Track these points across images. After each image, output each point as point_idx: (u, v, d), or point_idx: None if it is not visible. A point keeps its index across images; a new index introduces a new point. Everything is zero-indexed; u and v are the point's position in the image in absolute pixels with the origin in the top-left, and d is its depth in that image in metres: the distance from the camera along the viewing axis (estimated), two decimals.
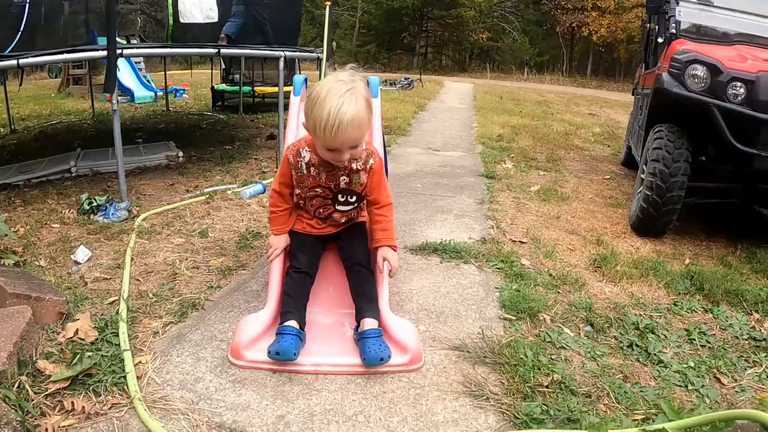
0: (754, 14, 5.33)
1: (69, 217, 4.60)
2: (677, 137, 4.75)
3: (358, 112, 2.42)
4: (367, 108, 2.50)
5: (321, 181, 2.80)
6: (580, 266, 4.12)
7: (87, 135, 9.17)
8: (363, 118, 2.47)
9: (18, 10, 5.99)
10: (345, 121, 2.39)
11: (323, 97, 2.42)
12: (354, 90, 2.45)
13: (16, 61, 4.53)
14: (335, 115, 2.37)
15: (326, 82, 2.51)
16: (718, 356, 2.95)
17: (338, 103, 2.38)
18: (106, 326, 2.76)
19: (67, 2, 6.87)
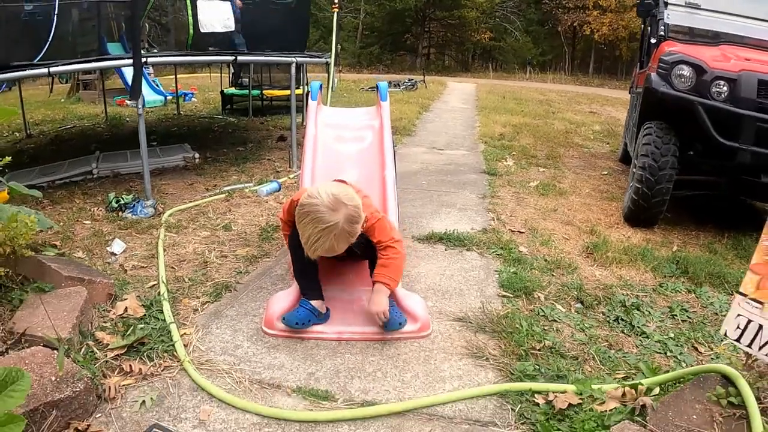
0: (739, 15, 5.59)
1: (98, 215, 4.93)
2: (665, 133, 5.04)
3: (332, 245, 2.59)
4: (350, 224, 2.59)
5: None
6: (574, 253, 4.43)
7: (102, 138, 9.48)
8: (342, 241, 2.61)
9: (29, 18, 6.29)
10: (320, 250, 2.61)
11: (306, 220, 2.59)
12: (330, 229, 2.55)
13: (47, 69, 4.86)
14: (314, 242, 2.58)
15: (309, 204, 2.60)
16: (697, 329, 3.23)
17: (316, 236, 2.56)
18: (151, 305, 3.14)
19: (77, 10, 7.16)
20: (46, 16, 5.97)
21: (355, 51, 48.40)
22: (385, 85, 4.06)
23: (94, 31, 7.54)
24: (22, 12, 6.34)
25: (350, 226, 2.59)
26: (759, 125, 4.56)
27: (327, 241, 2.55)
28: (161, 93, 15.61)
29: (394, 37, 50.04)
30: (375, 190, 3.62)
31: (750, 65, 4.75)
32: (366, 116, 4.11)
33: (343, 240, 2.60)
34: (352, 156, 3.77)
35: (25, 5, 6.39)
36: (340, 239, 2.59)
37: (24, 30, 6.19)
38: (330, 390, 2.45)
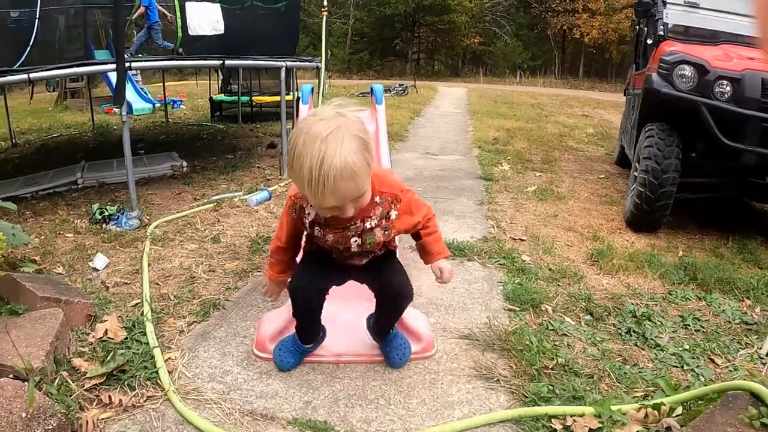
0: (739, 14, 5.48)
1: (82, 227, 4.73)
2: (667, 135, 4.91)
3: (346, 159, 1.82)
4: (362, 148, 1.90)
5: (327, 244, 2.31)
6: (578, 260, 4.27)
7: (89, 147, 9.29)
8: (357, 164, 1.85)
9: (16, 25, 6.13)
10: (331, 175, 1.81)
11: (300, 147, 1.85)
12: (339, 129, 1.86)
13: (27, 75, 4.66)
14: (318, 168, 1.81)
15: (303, 125, 1.91)
16: (712, 339, 3.10)
17: (320, 153, 1.81)
18: (134, 326, 2.92)
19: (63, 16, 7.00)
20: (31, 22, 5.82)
21: (344, 57, 48.39)
22: (381, 88, 3.89)
23: (80, 38, 7.40)
24: (8, 19, 6.18)
25: (360, 142, 1.89)
26: (764, 125, 4.45)
27: (337, 150, 1.81)
28: (149, 100, 15.45)
29: (384, 42, 50.12)
30: None
31: (753, 64, 4.64)
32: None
33: (355, 162, 1.85)
34: None
35: (11, 12, 6.24)
36: (351, 159, 1.84)
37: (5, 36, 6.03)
38: (329, 421, 2.25)
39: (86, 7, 7.48)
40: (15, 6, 6.40)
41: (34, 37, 5.56)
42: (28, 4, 6.14)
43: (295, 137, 1.89)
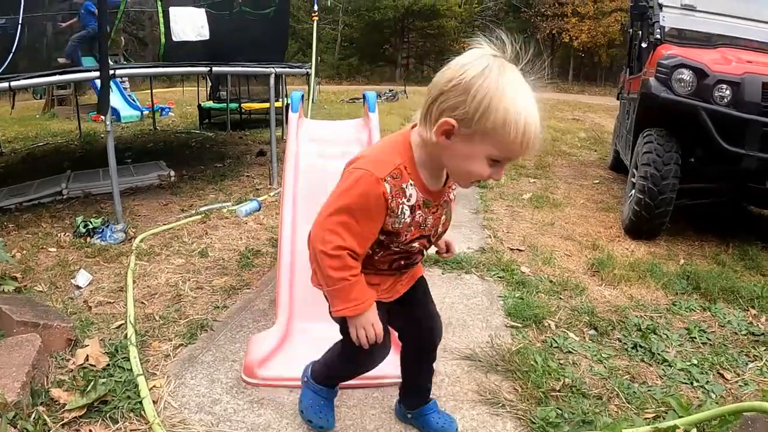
0: (736, 17, 5.41)
1: (65, 241, 4.58)
2: (666, 141, 4.82)
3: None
4: None
5: (426, 228, 1.87)
6: (579, 271, 4.17)
7: (75, 156, 9.14)
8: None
9: (1, 31, 5.98)
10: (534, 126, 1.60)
11: (504, 87, 1.56)
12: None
13: (7, 83, 4.53)
14: (533, 116, 1.60)
15: (488, 64, 1.58)
16: (720, 352, 3.02)
17: (531, 101, 1.62)
18: (116, 351, 2.76)
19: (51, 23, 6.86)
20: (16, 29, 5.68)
21: (334, 62, 48.33)
22: (374, 95, 3.74)
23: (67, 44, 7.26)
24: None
25: None
26: (765, 130, 4.39)
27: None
28: (137, 108, 15.33)
29: (373, 48, 50.08)
30: None
31: (753, 68, 4.58)
32: (352, 129, 3.76)
33: None
34: (339, 173, 3.41)
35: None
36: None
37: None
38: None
39: (72, 13, 7.34)
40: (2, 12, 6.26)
41: (17, 44, 5.40)
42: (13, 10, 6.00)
43: (489, 77, 1.54)
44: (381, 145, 1.87)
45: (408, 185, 1.74)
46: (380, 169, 1.71)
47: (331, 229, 1.72)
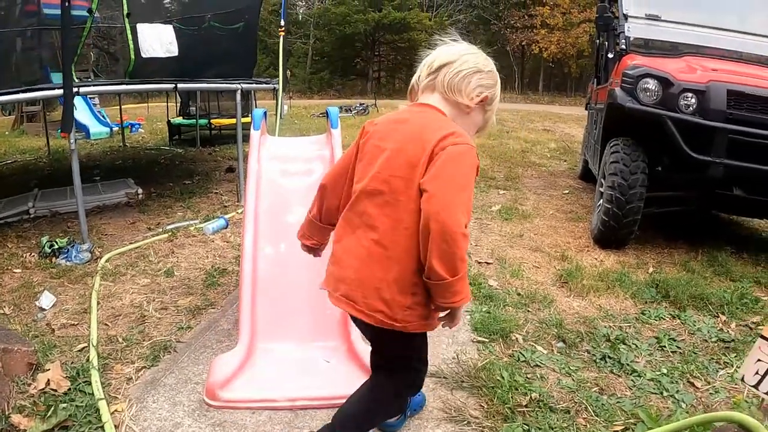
0: (700, 26, 5.47)
1: (30, 261, 4.48)
2: (633, 150, 4.85)
3: None
4: None
5: None
6: (547, 283, 4.17)
7: (43, 174, 8.97)
8: None
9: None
10: None
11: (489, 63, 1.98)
12: None
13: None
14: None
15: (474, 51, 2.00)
16: (690, 361, 3.03)
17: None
18: (78, 375, 2.70)
19: (20, 38, 6.76)
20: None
21: (305, 77, 48.29)
22: (336, 110, 3.70)
23: (37, 60, 7.16)
24: None
25: None
26: (731, 137, 4.43)
27: None
28: (107, 124, 15.11)
29: (345, 61, 50.14)
30: None
31: (717, 75, 4.62)
32: (315, 146, 3.73)
33: None
34: (301, 191, 3.35)
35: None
36: None
37: None
38: None
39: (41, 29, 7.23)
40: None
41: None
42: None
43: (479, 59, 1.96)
44: (444, 120, 1.89)
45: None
46: (470, 141, 1.82)
47: (462, 208, 1.68)
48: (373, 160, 1.85)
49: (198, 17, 6.92)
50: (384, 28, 47.03)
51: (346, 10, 45.20)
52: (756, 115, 4.43)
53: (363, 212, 1.82)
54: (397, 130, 1.87)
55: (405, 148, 1.79)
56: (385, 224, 1.77)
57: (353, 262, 1.82)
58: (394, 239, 1.76)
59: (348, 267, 1.84)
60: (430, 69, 1.96)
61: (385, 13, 44.79)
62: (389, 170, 1.79)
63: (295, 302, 2.97)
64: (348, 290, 1.83)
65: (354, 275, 1.82)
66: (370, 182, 1.81)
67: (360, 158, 1.93)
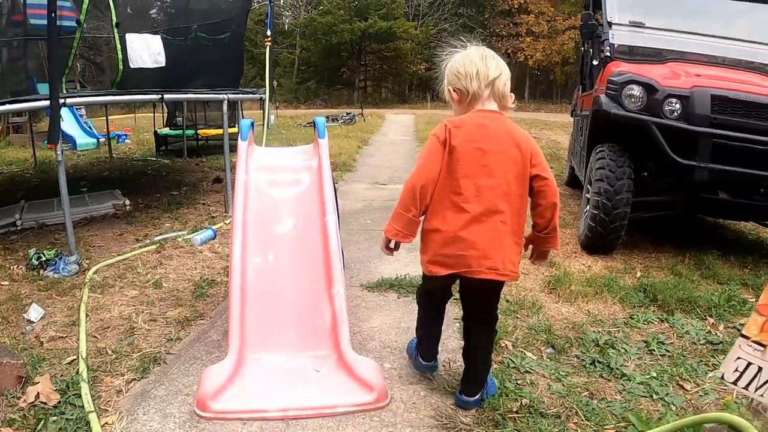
0: (684, 32, 5.52)
1: (18, 274, 4.46)
2: (619, 156, 4.88)
3: None
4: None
5: None
6: (536, 289, 4.18)
7: (30, 186, 8.92)
8: None
9: None
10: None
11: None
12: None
13: None
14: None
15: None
16: (679, 363, 3.05)
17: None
18: (68, 387, 2.69)
19: (6, 48, 6.72)
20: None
21: (291, 86, 48.28)
22: (323, 120, 3.72)
23: (23, 70, 7.11)
24: None
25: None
26: (715, 141, 4.47)
27: None
28: (93, 135, 15.04)
29: (331, 71, 50.21)
30: (315, 237, 3.23)
31: (701, 81, 4.66)
32: (302, 156, 3.73)
33: None
34: (289, 201, 3.37)
35: None
36: None
37: None
38: None
39: (27, 39, 7.19)
40: None
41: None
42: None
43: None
44: (510, 121, 2.48)
45: None
46: None
47: None
48: (478, 160, 2.34)
49: (184, 28, 6.92)
50: (370, 38, 47.16)
51: (332, 20, 45.27)
52: (740, 120, 4.48)
53: (493, 201, 2.34)
54: (487, 135, 2.37)
55: (506, 150, 2.36)
56: (505, 208, 2.35)
57: (491, 239, 2.34)
58: (512, 218, 2.38)
59: (486, 246, 2.34)
60: (486, 81, 2.41)
61: (371, 23, 44.92)
62: (503, 171, 2.34)
63: (285, 312, 2.96)
64: (492, 263, 2.36)
65: (497, 250, 2.36)
66: (498, 177, 2.35)
67: (457, 158, 2.35)
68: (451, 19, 50.43)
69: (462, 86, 2.44)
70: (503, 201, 2.34)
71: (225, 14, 7.36)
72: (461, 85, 2.44)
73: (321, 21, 45.99)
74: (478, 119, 2.39)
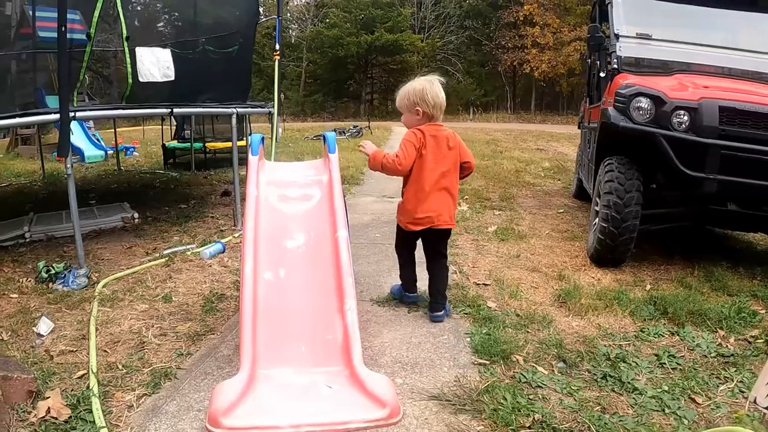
0: (691, 43, 5.53)
1: (27, 286, 4.47)
2: (627, 168, 4.87)
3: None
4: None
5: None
6: (546, 303, 4.17)
7: (39, 198, 8.95)
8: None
9: None
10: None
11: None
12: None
13: None
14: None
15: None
16: (690, 377, 3.04)
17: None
18: (79, 403, 2.69)
19: (15, 61, 6.74)
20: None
21: (298, 99, 48.45)
22: (333, 135, 3.74)
23: (31, 83, 7.14)
24: None
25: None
26: (724, 153, 4.47)
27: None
28: (101, 147, 15.09)
29: (338, 84, 50.36)
30: (327, 253, 3.21)
31: (709, 92, 4.66)
32: (313, 171, 3.73)
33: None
34: (299, 216, 3.36)
35: None
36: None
37: None
38: None
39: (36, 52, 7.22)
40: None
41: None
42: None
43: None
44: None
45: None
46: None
47: None
48: (434, 158, 3.65)
49: (192, 41, 6.95)
50: (376, 51, 47.29)
51: (339, 33, 45.44)
52: (748, 131, 4.47)
53: (441, 182, 3.68)
54: (438, 141, 3.68)
55: (447, 149, 3.70)
56: (448, 185, 3.71)
57: (442, 204, 3.69)
58: (452, 189, 3.75)
59: (439, 208, 3.68)
60: (442, 109, 3.76)
61: (377, 36, 45.02)
62: (446, 162, 3.68)
63: (296, 328, 2.95)
64: (445, 219, 3.71)
65: (446, 210, 3.71)
66: (443, 167, 3.68)
67: (424, 156, 3.64)
68: (457, 32, 50.53)
69: (428, 110, 3.66)
70: (447, 180, 3.69)
71: (233, 27, 7.39)
72: (428, 109, 3.66)
73: (328, 34, 46.18)
74: (432, 131, 3.67)
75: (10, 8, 6.91)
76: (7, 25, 6.78)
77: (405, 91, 3.73)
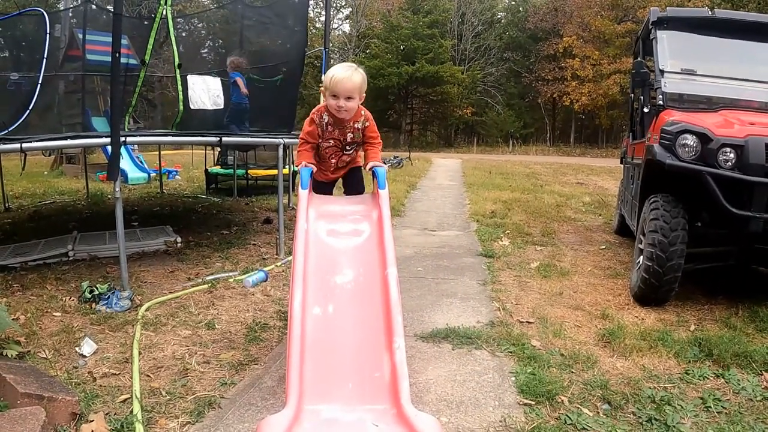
0: (736, 79, 5.47)
1: (70, 306, 4.55)
2: (673, 206, 4.80)
3: (351, 76, 3.65)
4: (362, 80, 3.73)
5: (335, 135, 3.90)
6: (590, 343, 4.11)
7: (82, 216, 9.13)
8: (355, 82, 3.66)
9: (15, 87, 6.04)
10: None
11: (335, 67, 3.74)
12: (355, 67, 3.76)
13: (19, 145, 4.57)
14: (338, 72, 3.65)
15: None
16: (736, 421, 2.98)
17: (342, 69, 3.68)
18: (122, 427, 2.72)
19: (63, 83, 6.91)
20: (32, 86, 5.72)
21: None
22: (383, 171, 3.74)
23: (78, 104, 7.31)
24: (8, 81, 6.10)
25: (361, 77, 3.74)
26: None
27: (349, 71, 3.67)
28: (145, 170, 15.38)
29: (378, 114, 50.48)
30: (376, 289, 3.17)
31: (756, 129, 4.59)
32: (362, 206, 3.71)
33: (355, 80, 3.69)
34: (348, 252, 3.35)
35: (11, 75, 6.16)
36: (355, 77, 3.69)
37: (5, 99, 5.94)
38: None
39: (85, 74, 7.41)
40: (17, 69, 6.32)
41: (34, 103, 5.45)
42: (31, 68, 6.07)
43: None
44: None
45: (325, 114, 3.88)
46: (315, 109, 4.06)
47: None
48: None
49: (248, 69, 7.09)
50: (417, 82, 47.57)
51: (380, 63, 45.84)
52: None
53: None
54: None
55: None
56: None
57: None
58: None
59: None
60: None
61: (418, 67, 45.33)
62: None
63: (343, 364, 2.92)
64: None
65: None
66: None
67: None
68: (497, 64, 50.76)
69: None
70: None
71: (280, 58, 7.51)
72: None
73: (369, 64, 46.50)
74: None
75: (59, 30, 7.11)
76: (56, 48, 6.97)
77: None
